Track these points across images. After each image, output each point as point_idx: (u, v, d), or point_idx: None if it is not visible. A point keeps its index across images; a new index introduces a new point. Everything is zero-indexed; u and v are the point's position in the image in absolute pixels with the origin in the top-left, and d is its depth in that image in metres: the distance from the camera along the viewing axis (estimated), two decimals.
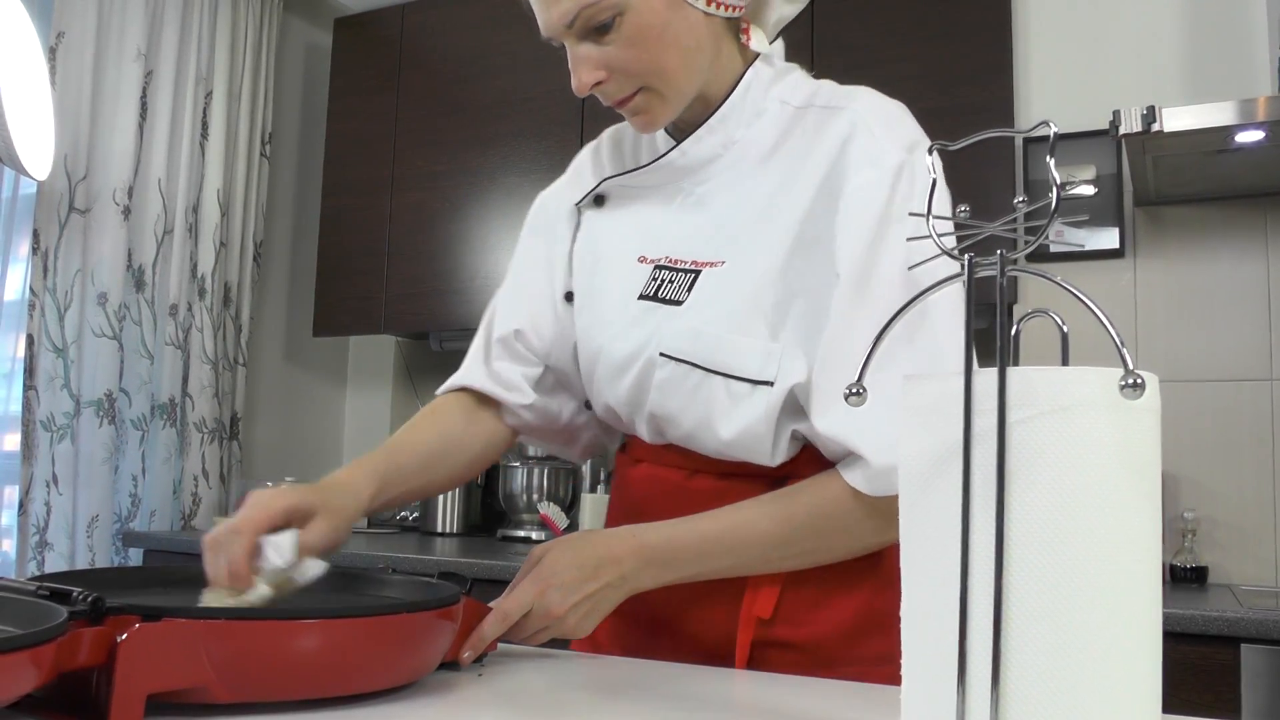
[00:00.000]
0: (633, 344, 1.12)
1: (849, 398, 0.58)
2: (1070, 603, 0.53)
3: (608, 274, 1.19)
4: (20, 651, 0.61)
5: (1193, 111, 2.07)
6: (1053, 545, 0.53)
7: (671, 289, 1.12)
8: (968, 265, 0.54)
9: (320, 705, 0.78)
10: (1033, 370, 0.54)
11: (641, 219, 1.19)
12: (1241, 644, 1.82)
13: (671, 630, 1.13)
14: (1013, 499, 0.53)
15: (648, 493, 1.14)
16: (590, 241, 1.23)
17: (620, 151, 1.27)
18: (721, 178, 1.14)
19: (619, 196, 1.22)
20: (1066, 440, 0.53)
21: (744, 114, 1.13)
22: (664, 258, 1.14)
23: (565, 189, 1.29)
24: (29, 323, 2.80)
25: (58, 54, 2.85)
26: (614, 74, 1.07)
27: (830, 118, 1.09)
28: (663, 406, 1.09)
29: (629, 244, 1.19)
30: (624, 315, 1.14)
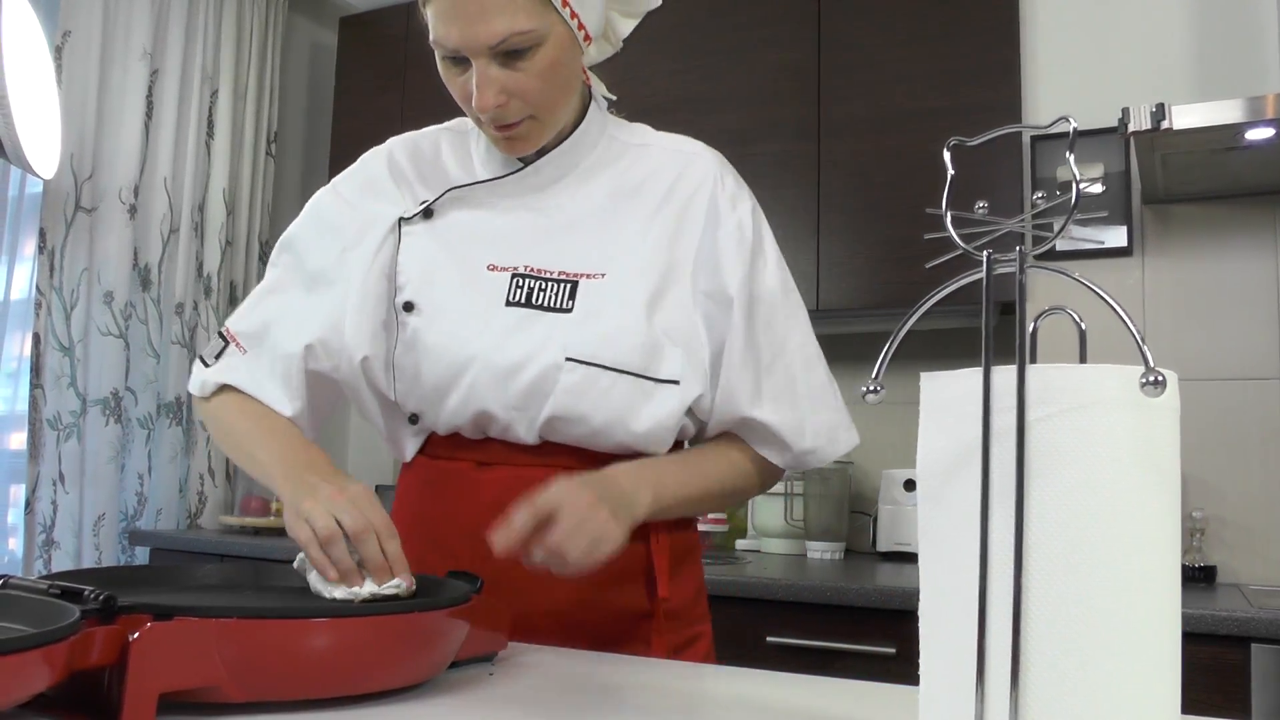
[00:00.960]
0: (520, 349, 1.16)
1: (867, 395, 0.58)
2: (1090, 600, 0.52)
3: (457, 283, 1.21)
4: (33, 650, 0.60)
5: (1202, 109, 2.07)
6: (1072, 543, 0.53)
7: (546, 297, 1.18)
8: (986, 262, 0.54)
9: (332, 705, 0.78)
10: (1052, 368, 0.54)
11: (481, 229, 1.23)
12: (1251, 644, 1.81)
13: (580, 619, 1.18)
14: (1032, 497, 0.53)
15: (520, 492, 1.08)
16: (422, 253, 1.24)
17: (423, 168, 1.31)
18: (567, 196, 1.24)
19: (450, 209, 1.26)
20: (1086, 438, 0.53)
21: (585, 142, 1.25)
22: (523, 266, 1.20)
23: (364, 197, 1.30)
24: (35, 321, 2.80)
25: (64, 53, 2.85)
26: (514, 99, 1.14)
27: (685, 161, 1.27)
28: (571, 408, 1.15)
29: (472, 254, 1.22)
30: (497, 322, 1.18)
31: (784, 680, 0.99)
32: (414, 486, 1.27)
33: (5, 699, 0.60)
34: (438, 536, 1.21)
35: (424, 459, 1.26)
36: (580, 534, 1.02)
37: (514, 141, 1.19)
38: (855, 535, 2.88)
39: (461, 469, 1.22)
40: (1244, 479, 2.47)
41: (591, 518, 1.03)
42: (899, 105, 2.65)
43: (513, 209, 1.24)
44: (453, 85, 1.18)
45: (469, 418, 1.19)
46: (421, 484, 1.26)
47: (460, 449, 1.22)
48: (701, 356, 1.19)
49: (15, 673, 0.60)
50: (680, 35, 2.85)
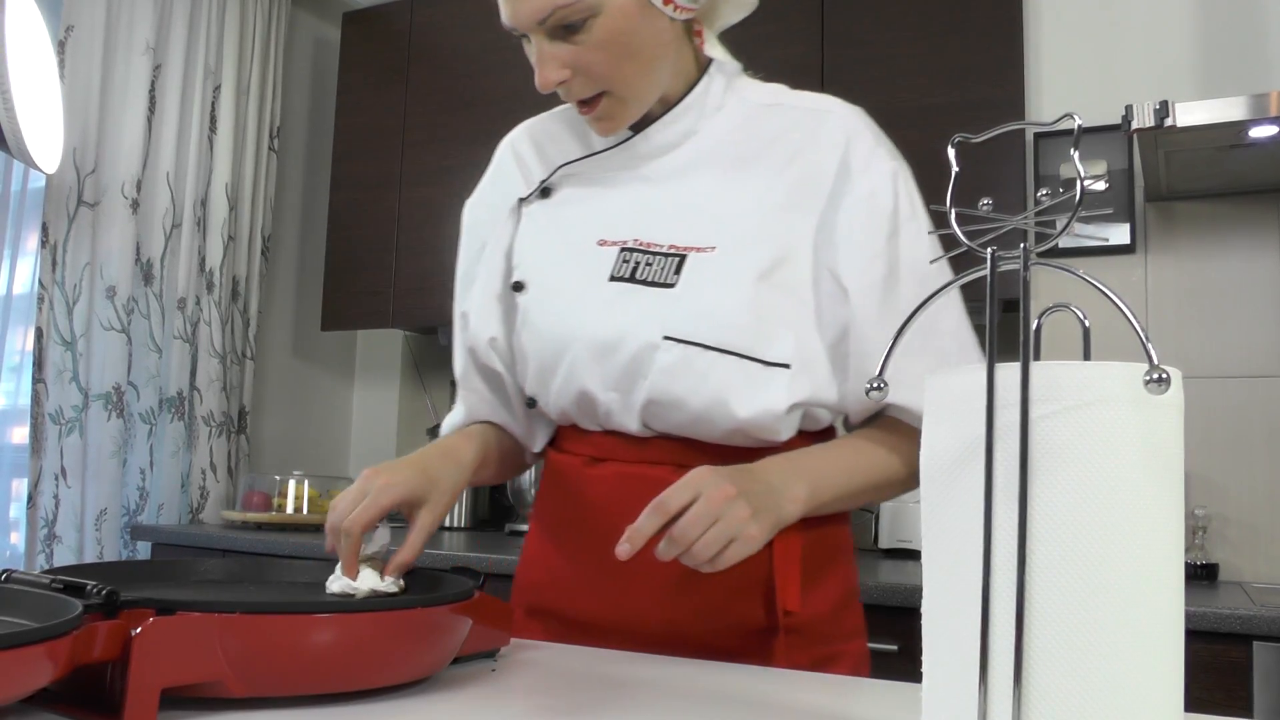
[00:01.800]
0: (617, 326, 1.10)
1: (870, 392, 0.58)
2: (1093, 598, 0.52)
3: (565, 260, 1.18)
4: (36, 645, 0.60)
5: (1206, 106, 2.06)
6: (1075, 540, 0.52)
7: (651, 271, 1.11)
8: (991, 259, 0.54)
9: (334, 700, 0.78)
10: (1056, 365, 0.54)
11: (594, 205, 1.19)
12: (1254, 641, 1.81)
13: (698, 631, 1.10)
14: (1035, 494, 0.53)
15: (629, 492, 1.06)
16: (537, 232, 1.22)
17: (547, 147, 1.28)
18: (682, 165, 1.17)
19: (566, 186, 1.23)
20: (1090, 435, 0.53)
21: (704, 108, 1.18)
22: (631, 240, 1.14)
23: (496, 189, 1.31)
24: (38, 316, 2.80)
25: (67, 48, 2.85)
26: (578, 74, 1.09)
27: (816, 120, 1.16)
28: (667, 390, 1.08)
29: (584, 229, 1.18)
30: (597, 297, 1.13)
31: (785, 676, 0.99)
32: (541, 482, 1.25)
33: (8, 693, 0.60)
34: (554, 534, 1.19)
35: (550, 451, 1.24)
36: (713, 531, 0.92)
37: (600, 122, 1.14)
38: (858, 531, 2.87)
39: (575, 465, 1.17)
40: (1247, 476, 2.47)
41: (729, 513, 0.93)
42: (902, 101, 2.64)
43: (627, 181, 1.19)
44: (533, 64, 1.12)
45: (572, 399, 1.14)
46: (545, 478, 1.24)
47: (575, 443, 1.18)
48: (814, 341, 1.09)
49: (18, 667, 0.60)
50: None
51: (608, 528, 1.00)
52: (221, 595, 0.97)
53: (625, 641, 1.10)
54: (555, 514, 1.20)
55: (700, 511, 0.92)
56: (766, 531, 0.98)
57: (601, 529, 1.06)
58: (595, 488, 1.13)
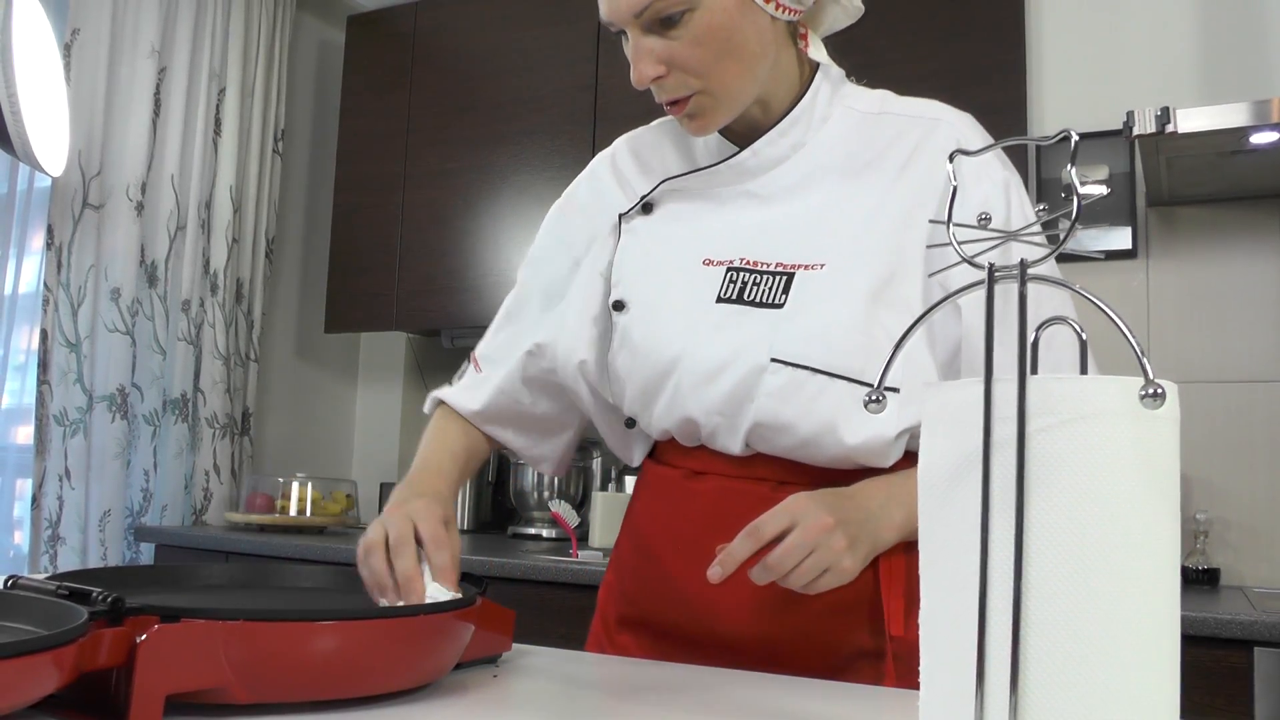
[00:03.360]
0: (725, 349, 1.07)
1: (868, 405, 0.58)
2: (1089, 610, 0.53)
3: (669, 279, 1.14)
4: (42, 653, 0.61)
5: (1207, 112, 2.06)
6: (1072, 553, 0.53)
7: (759, 291, 1.08)
8: (989, 273, 0.54)
9: (338, 706, 0.78)
10: (1052, 379, 0.54)
11: (698, 222, 1.16)
12: (1255, 647, 1.81)
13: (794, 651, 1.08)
14: (1032, 507, 0.53)
15: (729, 508, 1.06)
16: (639, 249, 1.18)
17: (649, 160, 1.25)
18: (791, 180, 1.13)
19: (669, 201, 1.19)
20: (1086, 449, 0.53)
21: (812, 119, 1.15)
22: (738, 259, 1.11)
23: (595, 203, 1.26)
24: (42, 317, 2.81)
25: (73, 51, 2.86)
26: (674, 70, 1.06)
27: (926, 129, 1.14)
28: (776, 415, 1.05)
29: (688, 247, 1.15)
30: (705, 320, 1.09)
31: (783, 683, 0.99)
32: (639, 491, 1.22)
33: (14, 701, 0.61)
34: (651, 545, 1.16)
35: (648, 462, 1.21)
36: (808, 562, 0.92)
37: (691, 120, 1.10)
38: None
39: (674, 477, 1.15)
40: (1248, 481, 2.47)
41: (825, 544, 0.93)
42: None
43: (733, 197, 1.15)
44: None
45: (676, 423, 1.11)
46: (642, 488, 1.21)
47: (676, 455, 1.15)
48: (925, 362, 1.05)
49: (24, 675, 0.60)
50: None
51: (707, 541, 1.00)
52: (226, 601, 0.97)
53: (720, 657, 1.07)
54: (653, 525, 1.17)
55: (796, 542, 0.92)
56: (860, 562, 0.97)
57: (701, 542, 1.04)
58: (695, 501, 1.12)
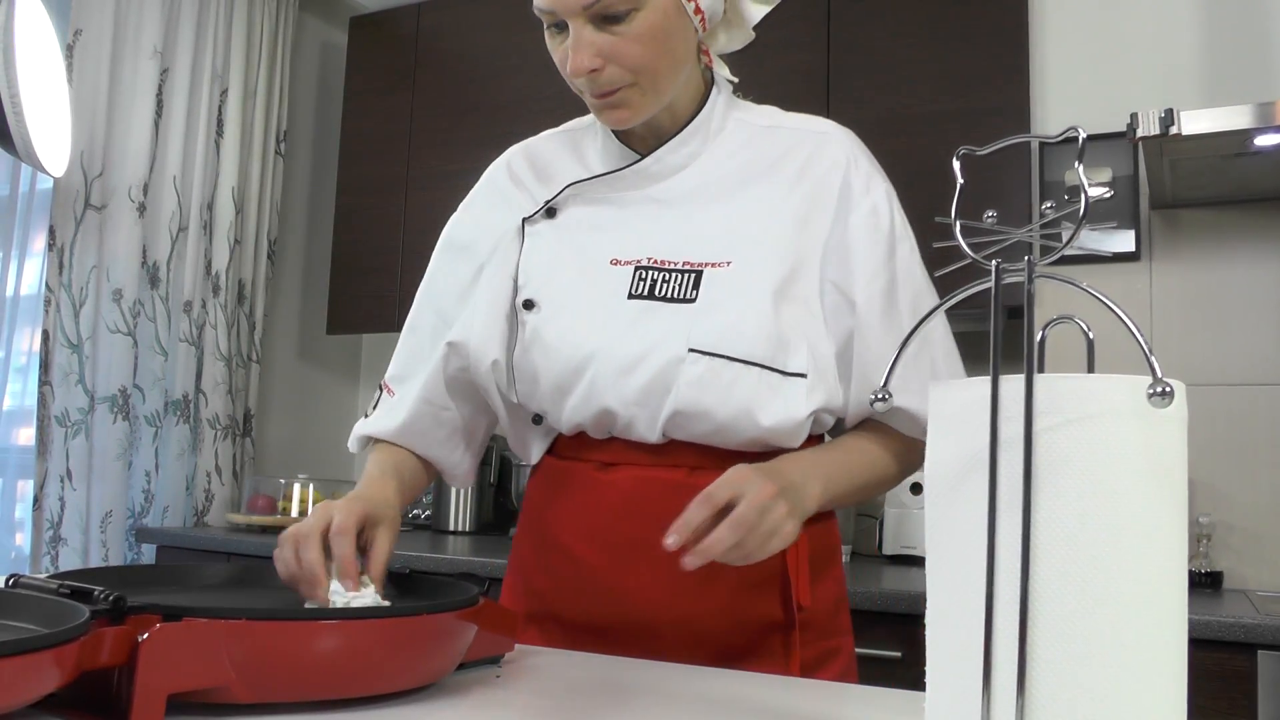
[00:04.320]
0: (641, 343, 1.12)
1: (875, 403, 0.58)
2: (1095, 609, 0.52)
3: (577, 279, 1.19)
4: (44, 651, 0.61)
5: (1211, 115, 2.06)
6: (1078, 552, 0.53)
7: (669, 288, 1.14)
8: (995, 271, 0.54)
9: (340, 706, 0.78)
10: (1059, 378, 0.54)
11: (603, 225, 1.21)
12: (1258, 650, 1.81)
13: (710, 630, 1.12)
14: (1039, 506, 0.53)
15: (645, 495, 1.12)
16: (545, 251, 1.23)
17: (545, 168, 1.30)
18: (690, 185, 1.20)
19: (571, 206, 1.24)
20: (1093, 448, 0.53)
21: (709, 129, 1.22)
22: (645, 259, 1.17)
23: (495, 210, 1.30)
24: (44, 318, 2.81)
25: (75, 51, 2.86)
26: (610, 64, 1.11)
27: (816, 141, 1.21)
28: (695, 402, 1.10)
29: (594, 249, 1.20)
30: (618, 315, 1.14)
31: (788, 683, 0.99)
32: (538, 488, 1.25)
33: (16, 699, 0.61)
34: (561, 540, 1.18)
35: (550, 459, 1.24)
36: (758, 527, 0.96)
37: (615, 110, 1.15)
38: (862, 538, 2.88)
39: (584, 470, 1.18)
40: (1252, 484, 2.47)
41: (772, 509, 0.98)
42: (908, 108, 2.65)
43: (635, 201, 1.21)
44: (555, 54, 1.15)
45: (591, 416, 1.15)
46: (545, 485, 1.24)
47: (584, 449, 1.19)
48: (825, 350, 1.14)
49: (26, 673, 0.60)
50: None
51: (625, 530, 1.08)
52: (228, 601, 0.97)
53: (634, 643, 1.11)
54: (562, 519, 1.19)
55: (745, 511, 0.96)
56: (797, 528, 1.02)
57: (618, 531, 1.11)
58: (608, 492, 1.15)
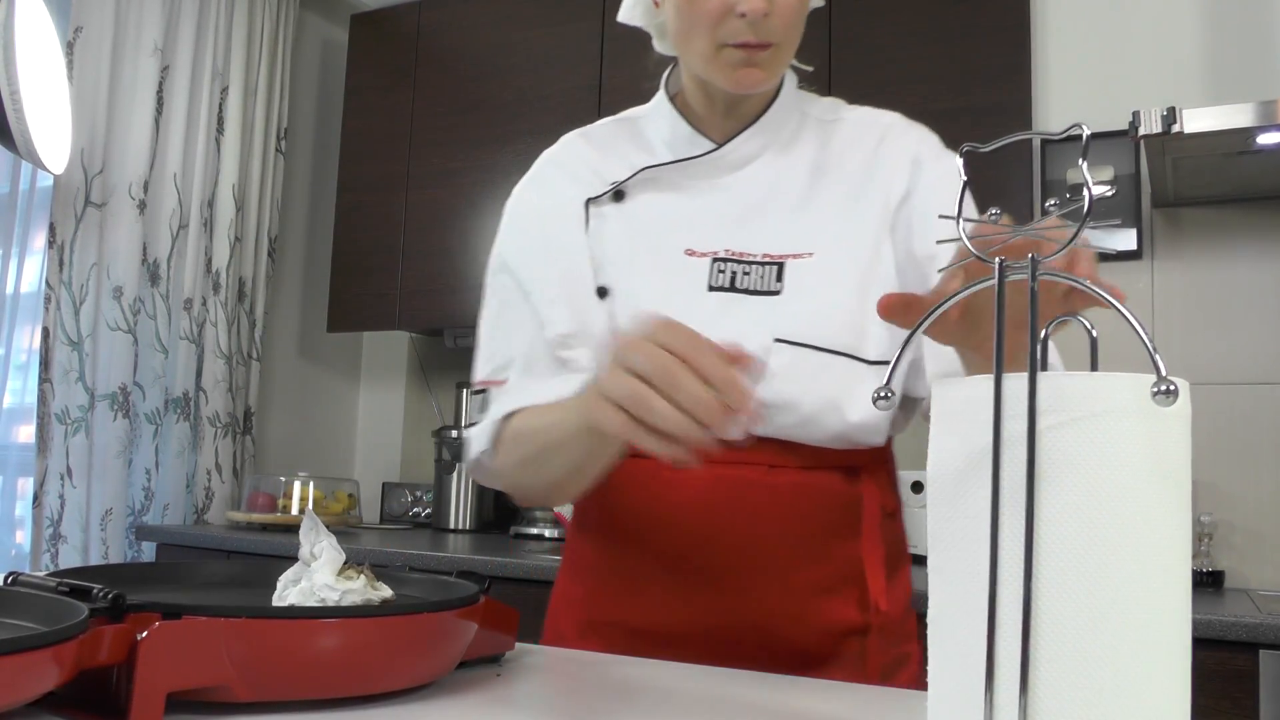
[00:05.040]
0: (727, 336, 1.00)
1: (877, 401, 0.57)
2: (1099, 609, 0.52)
3: (651, 269, 1.15)
4: (42, 650, 0.60)
5: (1213, 113, 2.06)
6: (1082, 552, 0.52)
7: (751, 280, 1.12)
8: (999, 269, 0.54)
9: (340, 705, 0.78)
10: (1063, 376, 0.53)
11: (674, 214, 1.18)
12: (1260, 650, 1.81)
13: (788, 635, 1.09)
14: (1042, 505, 0.53)
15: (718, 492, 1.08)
16: (613, 236, 1.19)
17: (610, 150, 1.25)
18: (762, 177, 1.17)
19: (640, 191, 1.20)
20: (1097, 447, 0.53)
21: (781, 119, 1.20)
22: (722, 250, 1.14)
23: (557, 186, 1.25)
24: (44, 316, 2.81)
25: (75, 49, 2.86)
26: (773, 16, 1.08)
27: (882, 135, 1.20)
28: (780, 393, 1.07)
29: (667, 239, 1.16)
30: (699, 309, 1.08)
31: (789, 683, 0.99)
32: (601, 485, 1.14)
33: (14, 698, 0.60)
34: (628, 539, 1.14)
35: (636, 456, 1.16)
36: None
37: (752, 70, 1.10)
38: None
39: (655, 466, 1.08)
40: (1253, 483, 2.46)
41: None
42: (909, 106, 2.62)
43: (707, 190, 1.18)
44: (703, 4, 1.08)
45: None
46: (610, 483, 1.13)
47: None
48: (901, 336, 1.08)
49: (24, 671, 0.60)
50: None
51: (704, 530, 1.05)
52: (228, 599, 0.97)
53: (706, 650, 1.07)
54: (628, 519, 1.15)
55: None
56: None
57: (697, 531, 1.07)
58: (682, 490, 1.10)
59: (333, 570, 0.91)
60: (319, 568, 0.91)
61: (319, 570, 0.91)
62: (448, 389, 3.61)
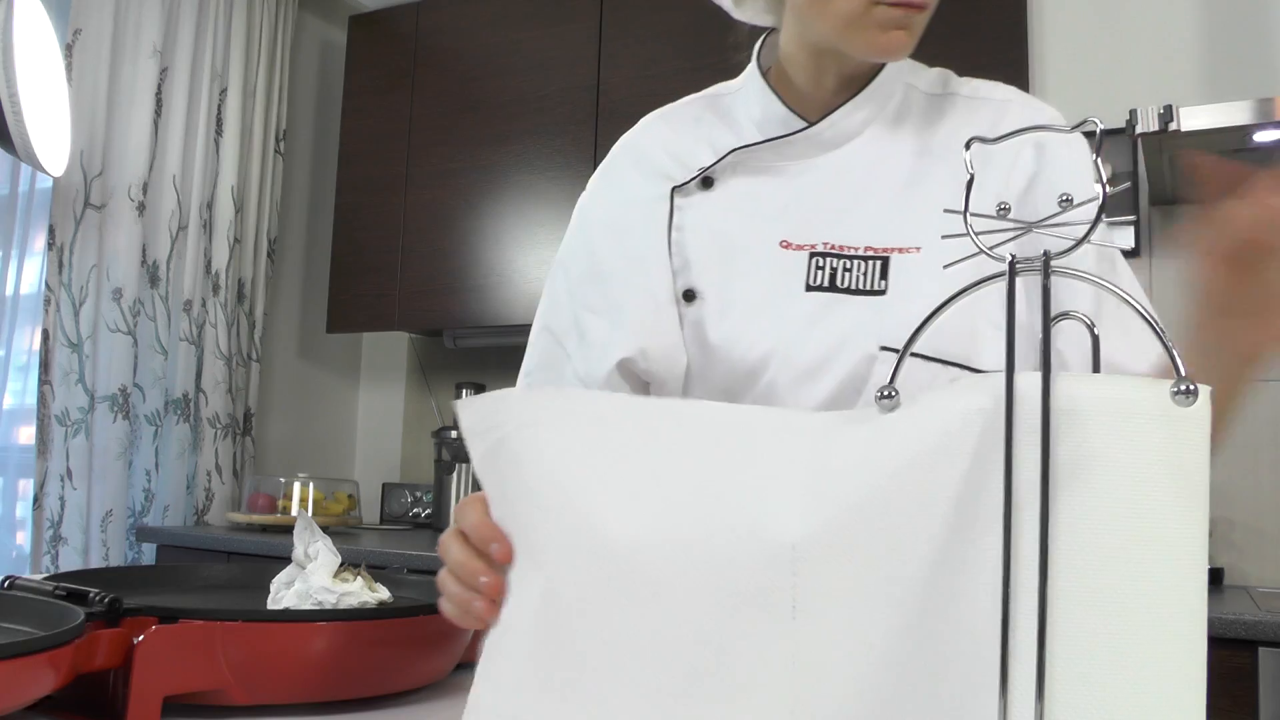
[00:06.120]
0: (826, 342, 0.97)
1: (880, 399, 0.57)
2: (1114, 612, 0.52)
3: (743, 266, 1.03)
4: (38, 654, 0.60)
5: (1211, 111, 2.06)
6: (1096, 554, 0.52)
7: (853, 278, 0.99)
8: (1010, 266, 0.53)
9: (338, 707, 0.78)
10: (1077, 376, 0.53)
11: (767, 201, 1.05)
12: (1259, 647, 1.80)
13: None
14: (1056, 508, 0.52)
15: None
16: (700, 229, 1.06)
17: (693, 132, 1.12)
18: (863, 156, 1.04)
19: (730, 177, 1.07)
20: (1113, 448, 0.52)
21: (884, 92, 1.06)
22: (822, 243, 1.01)
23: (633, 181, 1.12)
24: (44, 317, 2.81)
25: (74, 51, 2.85)
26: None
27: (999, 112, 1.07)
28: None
29: (760, 230, 1.04)
30: (795, 310, 0.99)
31: None
32: None
33: (11, 702, 0.60)
34: None
35: None
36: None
37: (900, 32, 0.98)
38: None
39: None
40: (1252, 480, 2.46)
41: None
42: None
43: (804, 172, 1.05)
44: None
45: None
46: None
47: None
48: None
49: (21, 676, 0.59)
50: (692, 33, 2.84)
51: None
52: (225, 602, 0.96)
53: None
54: None
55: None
56: None
57: None
58: None
59: (329, 572, 0.91)
60: (315, 570, 0.90)
61: (315, 573, 0.90)
62: (447, 390, 3.60)
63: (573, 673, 0.64)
